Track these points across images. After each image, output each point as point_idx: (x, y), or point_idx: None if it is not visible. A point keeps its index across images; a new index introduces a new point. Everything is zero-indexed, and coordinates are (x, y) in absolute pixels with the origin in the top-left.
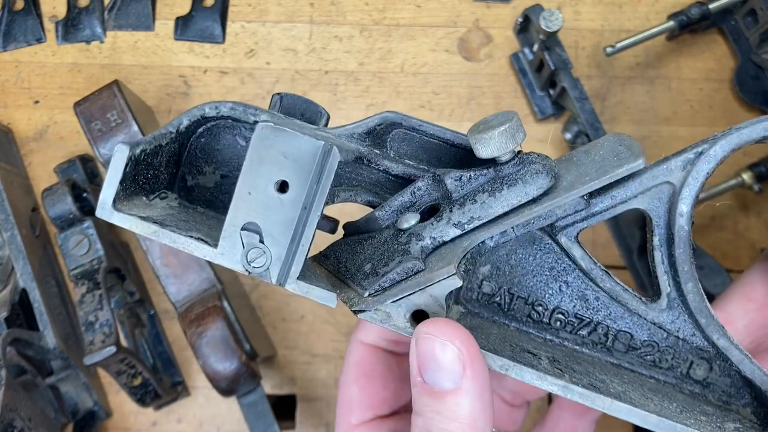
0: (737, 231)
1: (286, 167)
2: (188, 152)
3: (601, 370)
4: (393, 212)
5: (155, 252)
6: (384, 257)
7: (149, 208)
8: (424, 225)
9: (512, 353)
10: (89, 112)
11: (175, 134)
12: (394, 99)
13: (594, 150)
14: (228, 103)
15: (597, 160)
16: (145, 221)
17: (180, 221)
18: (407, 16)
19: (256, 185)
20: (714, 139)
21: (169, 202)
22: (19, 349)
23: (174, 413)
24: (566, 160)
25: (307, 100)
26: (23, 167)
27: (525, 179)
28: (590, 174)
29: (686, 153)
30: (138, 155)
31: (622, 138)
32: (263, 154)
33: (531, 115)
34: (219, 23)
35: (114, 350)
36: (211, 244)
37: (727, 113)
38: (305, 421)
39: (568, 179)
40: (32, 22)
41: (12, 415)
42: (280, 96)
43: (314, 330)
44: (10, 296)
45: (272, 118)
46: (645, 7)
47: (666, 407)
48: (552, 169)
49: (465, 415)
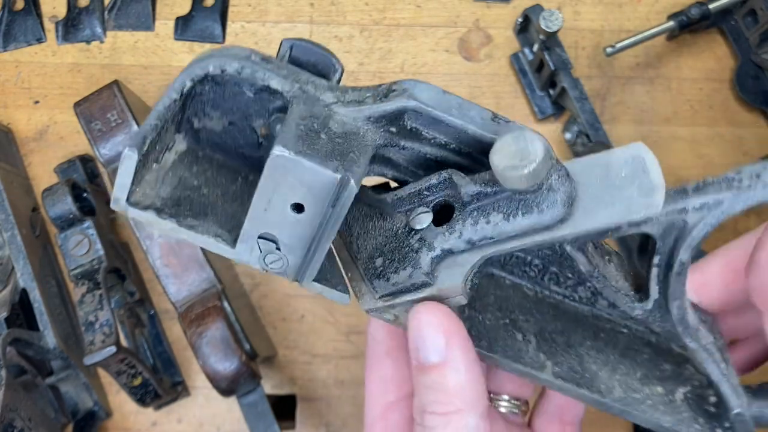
0: (737, 231)
1: (301, 192)
2: (192, 99)
3: (582, 334)
4: (406, 201)
5: (155, 252)
6: (394, 256)
7: (160, 181)
8: (435, 233)
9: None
10: (89, 112)
11: (179, 98)
12: None
13: (614, 168)
14: (234, 63)
15: (617, 185)
16: (161, 216)
17: (189, 188)
18: (407, 16)
19: (272, 205)
20: (739, 183)
21: (178, 147)
22: (19, 349)
23: (174, 413)
24: (585, 172)
25: (319, 50)
26: (23, 167)
27: (541, 208)
28: (606, 202)
29: (707, 195)
30: (147, 150)
31: (645, 159)
32: (279, 181)
33: (531, 115)
34: (219, 23)
35: (114, 350)
36: (229, 244)
37: (727, 113)
38: (305, 421)
39: (584, 202)
40: (32, 22)
41: (12, 415)
42: (291, 45)
43: (314, 330)
44: (10, 296)
45: (283, 84)
46: (645, 8)
47: (630, 382)
48: (570, 197)
49: (451, 386)
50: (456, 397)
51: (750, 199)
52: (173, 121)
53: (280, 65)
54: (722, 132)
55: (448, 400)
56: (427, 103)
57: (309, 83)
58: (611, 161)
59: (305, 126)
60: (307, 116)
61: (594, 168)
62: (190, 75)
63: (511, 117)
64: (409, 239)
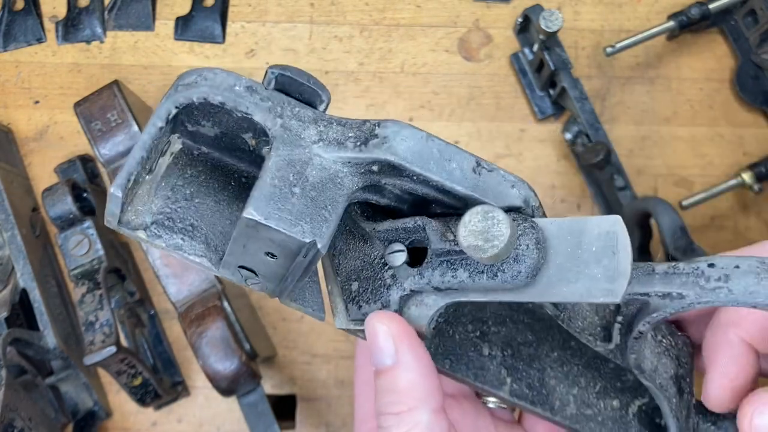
0: (737, 231)
1: (272, 246)
2: (183, 109)
3: (551, 344)
4: (383, 235)
5: (155, 252)
6: (368, 285)
7: (152, 193)
8: (407, 274)
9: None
10: (89, 112)
11: (165, 125)
12: (394, 99)
13: (587, 240)
14: (218, 96)
15: (584, 259)
16: (149, 237)
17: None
18: (407, 16)
19: (247, 249)
20: (706, 282)
21: (173, 148)
22: (19, 349)
23: (174, 413)
24: (559, 236)
25: (305, 79)
26: (23, 167)
27: (505, 275)
28: (569, 279)
29: (672, 285)
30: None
31: (618, 237)
32: (251, 236)
33: (531, 115)
34: (219, 23)
35: (114, 350)
36: (214, 264)
37: (727, 113)
38: (305, 420)
39: (549, 273)
40: (32, 22)
41: (12, 415)
42: (275, 74)
43: (314, 330)
44: (11, 296)
45: (265, 119)
46: (645, 7)
47: (586, 396)
48: (535, 269)
49: (402, 386)
50: (407, 396)
51: (712, 303)
52: (165, 134)
53: (264, 95)
54: (722, 132)
55: (399, 399)
56: (404, 158)
57: (293, 118)
58: (586, 230)
59: (280, 180)
60: (285, 165)
61: (568, 235)
62: (174, 102)
63: (511, 117)
64: (383, 272)
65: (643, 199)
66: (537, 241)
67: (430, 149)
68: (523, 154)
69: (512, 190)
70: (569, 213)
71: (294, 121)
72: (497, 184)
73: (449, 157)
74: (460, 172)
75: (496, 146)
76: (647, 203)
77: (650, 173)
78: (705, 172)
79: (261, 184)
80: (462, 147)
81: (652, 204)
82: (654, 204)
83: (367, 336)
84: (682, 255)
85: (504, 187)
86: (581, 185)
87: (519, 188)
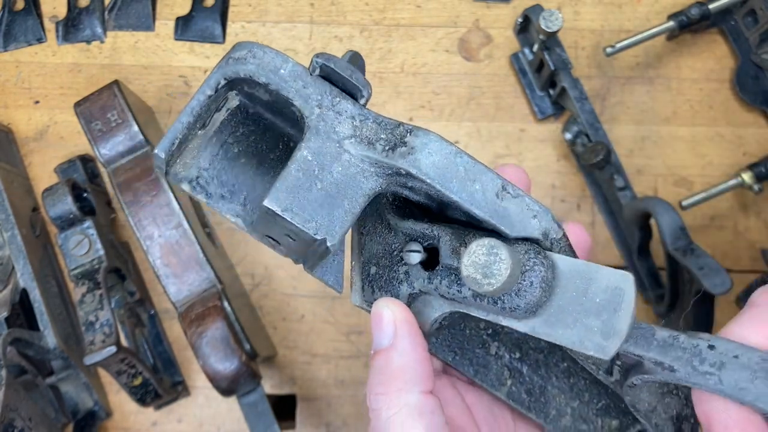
0: (737, 231)
1: (290, 234)
2: (231, 81)
3: (563, 354)
4: (404, 231)
5: (155, 252)
6: (384, 274)
7: (202, 147)
8: (419, 275)
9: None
10: (89, 112)
11: (213, 94)
12: (394, 99)
13: (594, 289)
14: (262, 77)
15: (586, 308)
16: (193, 191)
17: (228, 158)
18: (407, 17)
19: (271, 228)
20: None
21: (230, 104)
22: (19, 348)
23: (174, 413)
24: (569, 276)
25: (348, 74)
26: (23, 167)
27: (505, 306)
28: (567, 323)
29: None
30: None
31: (624, 295)
32: (271, 222)
33: (531, 115)
34: (219, 23)
35: (114, 350)
36: (247, 226)
37: (727, 113)
38: (305, 420)
39: (550, 311)
40: (32, 22)
41: (12, 414)
42: (320, 64)
43: (314, 330)
44: (11, 296)
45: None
46: (645, 8)
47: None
48: (536, 305)
49: (393, 368)
50: (397, 378)
51: (701, 386)
52: (215, 100)
53: (307, 82)
54: (722, 132)
55: (389, 380)
56: (426, 173)
57: (332, 109)
58: (596, 279)
59: (304, 172)
60: (313, 157)
61: (577, 278)
62: (224, 74)
63: (511, 117)
64: (399, 266)
65: (643, 199)
66: (543, 280)
67: (456, 166)
68: (523, 154)
69: (533, 221)
70: (569, 213)
71: (331, 113)
72: (519, 212)
73: (474, 177)
74: (482, 194)
75: (496, 146)
76: (647, 203)
77: (650, 173)
78: (705, 172)
79: (285, 174)
80: (461, 148)
81: (652, 204)
82: (654, 204)
83: (372, 317)
84: (681, 255)
85: (525, 216)
86: (581, 185)
87: (541, 219)
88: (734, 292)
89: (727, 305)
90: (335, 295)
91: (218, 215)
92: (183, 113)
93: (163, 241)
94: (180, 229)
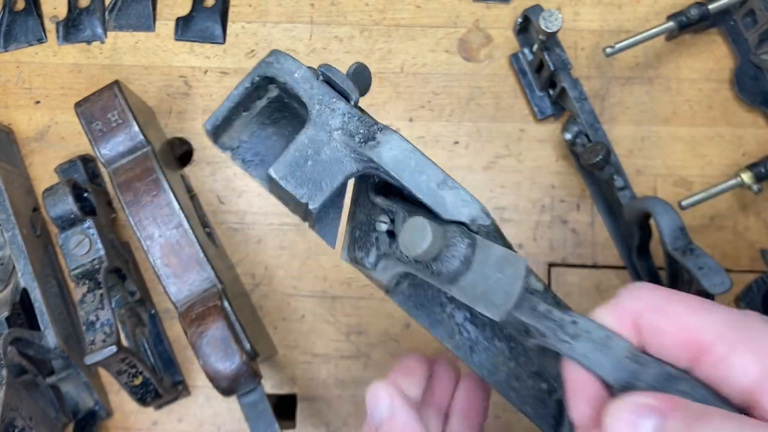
0: (736, 231)
1: (288, 198)
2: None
3: None
4: (379, 205)
5: (156, 252)
6: (363, 237)
7: (245, 126)
8: (384, 241)
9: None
10: (90, 113)
11: (251, 86)
12: (394, 99)
13: (499, 267)
14: (282, 77)
15: (491, 281)
16: (233, 158)
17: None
18: (407, 17)
19: (278, 193)
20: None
21: (270, 94)
22: (20, 348)
23: (174, 412)
24: (484, 257)
25: (340, 81)
26: (24, 167)
27: (431, 270)
28: (476, 291)
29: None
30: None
31: (521, 275)
32: (274, 186)
33: (531, 115)
34: (219, 24)
35: (115, 350)
36: (268, 190)
37: (726, 113)
38: (305, 420)
39: (466, 280)
40: (33, 22)
41: (13, 414)
42: (322, 72)
43: (315, 330)
44: (11, 296)
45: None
46: (644, 8)
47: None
48: (453, 274)
49: (398, 428)
50: None
51: (561, 351)
52: (258, 87)
53: (314, 84)
54: (721, 132)
55: None
56: (386, 163)
57: (328, 106)
58: (502, 259)
59: (300, 152)
60: (308, 142)
61: (491, 257)
62: (257, 73)
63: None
64: (372, 233)
65: (643, 199)
66: (462, 254)
67: (409, 160)
68: (523, 154)
69: (463, 209)
70: (569, 213)
71: (327, 109)
72: (453, 200)
73: (422, 170)
74: (426, 184)
75: (496, 146)
76: (646, 203)
77: (649, 173)
78: (704, 173)
79: (287, 152)
80: (462, 147)
81: (652, 204)
82: (653, 204)
83: (368, 399)
84: (681, 255)
85: (458, 204)
86: (581, 185)
87: (470, 208)
88: (733, 291)
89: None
90: (335, 294)
91: (218, 216)
92: (227, 99)
93: (164, 241)
94: (180, 229)
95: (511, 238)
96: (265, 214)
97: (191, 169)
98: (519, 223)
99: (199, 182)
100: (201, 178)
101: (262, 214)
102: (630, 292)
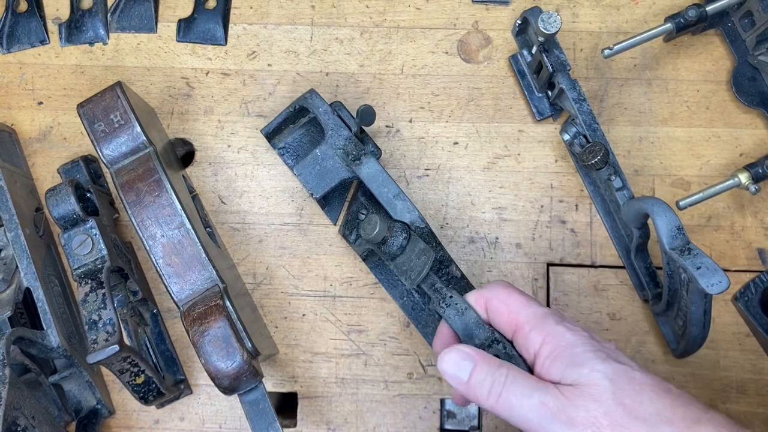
0: (734, 231)
1: (307, 188)
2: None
3: None
4: (361, 201)
5: (158, 252)
6: (351, 222)
7: (290, 133)
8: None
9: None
10: (92, 114)
11: (294, 110)
12: (394, 100)
13: (422, 252)
14: (310, 108)
15: (413, 262)
16: (279, 154)
17: (300, 142)
18: (407, 19)
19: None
20: None
21: (310, 114)
22: (22, 347)
23: (176, 411)
24: (413, 247)
25: (347, 115)
26: (27, 168)
27: (382, 251)
28: (406, 269)
29: (431, 293)
30: (277, 128)
31: (428, 259)
32: (297, 179)
33: (530, 116)
34: (221, 25)
35: (117, 349)
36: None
37: (723, 114)
38: (306, 418)
39: (401, 259)
40: (35, 24)
41: (16, 413)
42: (335, 107)
43: (315, 329)
44: (14, 295)
45: (326, 128)
46: (642, 9)
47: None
48: (393, 255)
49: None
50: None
51: (439, 313)
52: (300, 110)
53: (331, 116)
54: (719, 133)
55: None
56: (363, 177)
57: (337, 132)
58: (422, 248)
59: (313, 160)
60: (320, 154)
61: (416, 246)
62: (297, 103)
63: (510, 118)
64: (355, 220)
65: (641, 199)
66: (399, 242)
67: (377, 178)
68: (522, 154)
69: (407, 214)
70: (567, 213)
71: (336, 134)
72: (401, 208)
73: (385, 185)
74: (386, 195)
75: (495, 147)
76: (644, 203)
77: (647, 174)
78: (702, 173)
79: (306, 158)
80: (461, 148)
81: (650, 204)
82: (651, 204)
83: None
84: (679, 255)
85: (403, 210)
86: (579, 186)
87: (411, 215)
88: (731, 291)
89: (725, 304)
90: (336, 294)
91: (219, 216)
92: (278, 115)
93: (166, 240)
94: (182, 229)
95: (510, 238)
96: (266, 214)
97: (193, 169)
98: (518, 223)
99: (200, 182)
100: (203, 178)
101: (263, 214)
102: (490, 285)
